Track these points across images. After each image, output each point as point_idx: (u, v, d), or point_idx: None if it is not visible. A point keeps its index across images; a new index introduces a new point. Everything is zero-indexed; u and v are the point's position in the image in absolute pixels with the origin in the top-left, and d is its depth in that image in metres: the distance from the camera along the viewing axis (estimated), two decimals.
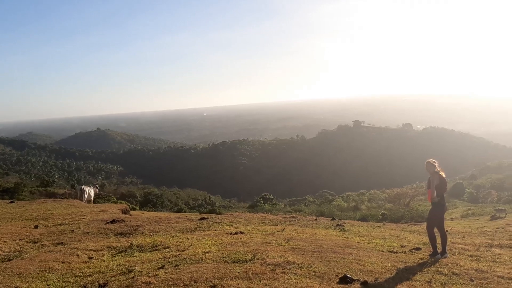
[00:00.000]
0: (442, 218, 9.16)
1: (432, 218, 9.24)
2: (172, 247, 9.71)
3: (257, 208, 47.01)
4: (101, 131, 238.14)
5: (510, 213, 36.17)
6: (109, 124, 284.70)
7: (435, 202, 8.97)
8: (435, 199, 8.93)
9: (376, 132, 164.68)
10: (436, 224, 9.18)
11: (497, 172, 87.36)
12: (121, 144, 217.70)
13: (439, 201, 8.93)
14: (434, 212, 9.14)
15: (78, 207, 18.74)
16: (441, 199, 8.95)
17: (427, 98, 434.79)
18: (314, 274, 6.94)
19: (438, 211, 9.08)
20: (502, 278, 7.10)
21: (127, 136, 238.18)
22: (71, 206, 19.35)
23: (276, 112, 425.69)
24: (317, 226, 15.04)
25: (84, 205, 20.72)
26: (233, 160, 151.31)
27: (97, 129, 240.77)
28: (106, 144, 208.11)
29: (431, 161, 9.28)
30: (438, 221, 9.12)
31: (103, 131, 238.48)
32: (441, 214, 9.13)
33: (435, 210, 9.08)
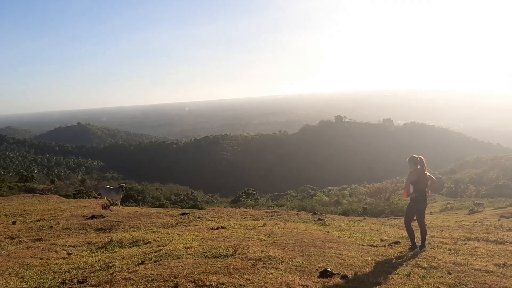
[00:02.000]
0: (423, 212, 9.26)
1: (409, 213, 9.33)
2: (152, 242, 9.64)
3: (239, 203, 47.06)
4: (82, 126, 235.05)
5: (487, 207, 36.93)
6: (89, 119, 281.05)
7: (413, 198, 9.08)
8: (412, 195, 9.03)
9: (358, 128, 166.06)
10: (413, 218, 9.32)
11: (476, 167, 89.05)
12: (102, 139, 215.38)
13: (416, 197, 9.01)
14: (412, 207, 9.21)
15: (57, 203, 18.48)
16: (418, 195, 9.01)
17: (408, 94, 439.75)
18: (295, 268, 6.97)
19: (417, 206, 9.16)
20: (479, 271, 7.22)
21: (108, 131, 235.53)
22: (50, 201, 19.08)
23: (259, 107, 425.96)
24: (299, 221, 15.12)
25: (63, 200, 20.43)
26: (215, 155, 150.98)
27: (77, 124, 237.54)
28: (87, 139, 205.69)
29: (414, 156, 9.35)
30: (419, 216, 9.24)
31: (83, 126, 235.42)
32: (421, 208, 9.24)
33: (413, 205, 9.16)
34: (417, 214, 9.26)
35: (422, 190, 8.99)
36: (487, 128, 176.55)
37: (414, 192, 8.96)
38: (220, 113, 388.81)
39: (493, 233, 12.09)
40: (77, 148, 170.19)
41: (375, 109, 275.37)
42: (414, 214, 9.32)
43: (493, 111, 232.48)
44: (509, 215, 27.14)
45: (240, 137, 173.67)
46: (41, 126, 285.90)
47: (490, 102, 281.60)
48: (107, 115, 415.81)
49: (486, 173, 79.22)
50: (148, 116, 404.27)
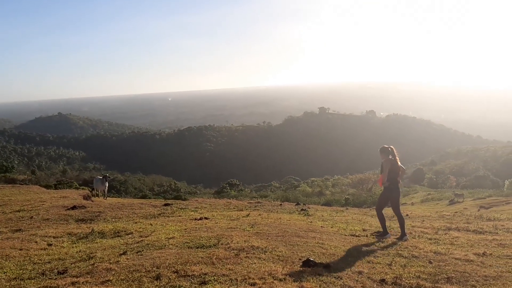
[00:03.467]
0: (397, 201, 9.44)
1: (382, 201, 9.60)
2: (134, 233, 9.57)
3: (223, 194, 47.12)
4: (63, 116, 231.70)
5: (468, 198, 37.55)
6: (71, 109, 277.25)
7: (386, 187, 9.28)
8: (386, 184, 9.24)
9: (341, 119, 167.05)
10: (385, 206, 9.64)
11: (456, 158, 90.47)
12: (84, 129, 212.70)
13: (389, 186, 9.22)
14: (384, 195, 9.45)
15: (38, 193, 18.25)
16: (391, 183, 9.19)
17: (390, 86, 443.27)
18: (278, 258, 6.98)
19: (389, 195, 9.36)
20: (459, 260, 7.33)
21: (89, 121, 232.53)
22: (30, 192, 18.83)
23: (243, 98, 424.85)
24: (282, 211, 15.18)
25: (44, 191, 20.16)
26: (199, 146, 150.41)
27: (58, 114, 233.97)
28: (68, 129, 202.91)
29: (385, 147, 9.60)
30: (394, 205, 9.45)
31: (64, 116, 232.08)
32: (395, 198, 9.41)
33: (386, 194, 9.39)
34: (392, 203, 9.49)
35: (394, 179, 9.20)
36: (468, 120, 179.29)
37: (388, 181, 9.17)
38: (203, 103, 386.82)
39: (473, 223, 12.29)
40: (58, 138, 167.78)
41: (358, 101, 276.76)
42: (386, 202, 9.59)
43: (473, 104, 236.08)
44: (489, 206, 27.64)
45: (224, 128, 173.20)
46: (21, 116, 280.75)
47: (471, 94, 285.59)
48: (88, 105, 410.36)
49: (466, 164, 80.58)
50: (130, 106, 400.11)
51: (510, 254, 7.89)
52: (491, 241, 9.19)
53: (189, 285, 5.63)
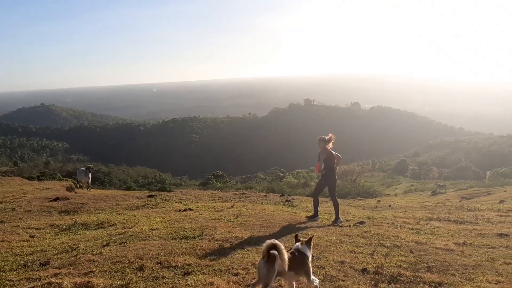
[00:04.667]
0: (333, 187, 10.17)
1: (319, 187, 10.44)
2: (118, 224, 9.52)
3: (208, 185, 47.08)
4: (46, 107, 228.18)
5: (450, 189, 38.15)
6: (54, 99, 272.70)
7: (323, 174, 10.04)
8: (322, 172, 9.99)
9: (326, 111, 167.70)
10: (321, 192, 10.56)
11: (439, 150, 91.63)
12: (67, 120, 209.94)
13: (326, 173, 9.98)
14: (322, 182, 10.27)
15: (20, 185, 18.00)
16: (328, 171, 9.97)
17: (374, 78, 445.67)
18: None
19: (326, 182, 10.18)
20: (440, 250, 7.45)
21: (73, 112, 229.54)
22: (12, 183, 18.56)
23: (228, 89, 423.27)
24: (267, 202, 15.22)
25: (26, 182, 19.90)
26: (184, 138, 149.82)
27: (41, 104, 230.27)
28: (51, 120, 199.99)
29: (323, 137, 10.43)
30: (330, 191, 10.20)
31: (47, 107, 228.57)
32: (331, 184, 10.16)
33: (323, 181, 10.20)
34: (328, 189, 10.27)
35: (331, 167, 10.01)
36: (451, 112, 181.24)
37: (324, 169, 9.90)
38: (188, 94, 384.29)
39: (454, 213, 12.48)
40: (41, 129, 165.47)
41: (342, 93, 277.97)
42: (323, 188, 10.47)
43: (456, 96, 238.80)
44: (470, 196, 28.11)
45: (209, 120, 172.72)
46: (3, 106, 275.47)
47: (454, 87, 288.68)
48: (72, 96, 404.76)
49: (449, 155, 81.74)
50: (114, 97, 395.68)
51: (489, 244, 8.05)
52: (471, 231, 9.36)
53: (172, 275, 5.64)
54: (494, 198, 24.21)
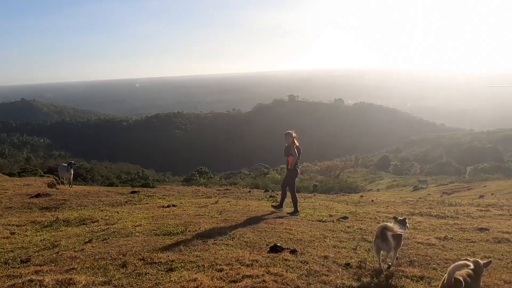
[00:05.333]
0: (293, 181, 10.61)
1: (287, 180, 10.73)
2: (100, 221, 9.45)
3: (192, 181, 46.89)
4: (26, 102, 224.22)
5: (431, 184, 38.67)
6: (35, 94, 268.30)
7: (292, 168, 10.46)
8: (292, 166, 10.42)
9: (310, 107, 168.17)
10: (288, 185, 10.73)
11: (421, 145, 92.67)
12: (48, 115, 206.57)
13: (293, 168, 10.45)
14: (290, 176, 10.62)
15: (0, 181, 17.70)
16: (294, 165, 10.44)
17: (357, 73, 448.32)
18: (246, 244, 7.02)
19: (293, 176, 10.59)
20: (421, 244, 7.55)
21: (54, 107, 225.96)
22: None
23: (212, 84, 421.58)
24: (251, 198, 15.25)
25: (6, 178, 19.60)
26: (167, 133, 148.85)
27: (22, 100, 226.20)
28: (32, 116, 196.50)
29: (290, 132, 10.84)
30: (291, 185, 10.59)
31: (28, 102, 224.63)
32: (294, 178, 10.63)
33: (291, 175, 10.59)
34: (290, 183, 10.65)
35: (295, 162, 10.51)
36: (432, 108, 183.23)
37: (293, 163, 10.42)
38: (172, 90, 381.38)
39: (435, 208, 12.66)
40: (22, 125, 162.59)
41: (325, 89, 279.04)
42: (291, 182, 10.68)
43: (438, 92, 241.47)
44: (451, 191, 28.54)
45: (193, 115, 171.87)
46: None
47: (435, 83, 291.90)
48: (53, 91, 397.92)
49: (430, 151, 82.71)
50: (96, 92, 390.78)
51: (469, 238, 8.18)
52: (452, 226, 9.50)
53: (155, 272, 5.61)
54: (474, 193, 24.64)
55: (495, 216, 11.24)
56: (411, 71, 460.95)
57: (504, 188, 26.78)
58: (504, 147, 76.70)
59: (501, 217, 11.07)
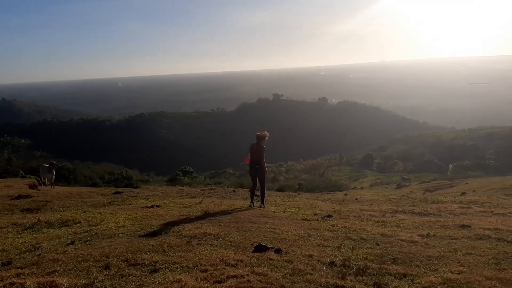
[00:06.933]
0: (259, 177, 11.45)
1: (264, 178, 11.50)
2: (83, 222, 9.33)
3: (176, 181, 46.65)
4: (6, 101, 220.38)
5: (414, 182, 39.15)
6: (16, 94, 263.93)
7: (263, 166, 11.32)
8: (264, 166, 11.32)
9: (294, 105, 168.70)
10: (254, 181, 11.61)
11: (404, 143, 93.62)
12: (30, 115, 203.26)
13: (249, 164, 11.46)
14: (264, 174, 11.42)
15: None
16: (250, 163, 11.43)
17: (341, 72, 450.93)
18: (230, 244, 7.01)
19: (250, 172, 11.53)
20: (405, 241, 7.62)
21: (36, 107, 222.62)
22: None
23: (196, 84, 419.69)
24: (236, 197, 15.26)
25: None
26: (151, 133, 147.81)
27: (2, 99, 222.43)
28: (13, 116, 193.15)
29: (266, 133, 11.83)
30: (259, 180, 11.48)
31: (8, 101, 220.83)
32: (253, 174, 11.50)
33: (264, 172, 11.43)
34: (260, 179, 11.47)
35: (253, 160, 11.33)
36: (415, 106, 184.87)
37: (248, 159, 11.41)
38: (156, 89, 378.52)
39: (418, 205, 12.81)
40: (2, 125, 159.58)
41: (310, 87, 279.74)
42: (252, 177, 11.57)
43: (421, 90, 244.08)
44: (434, 189, 28.93)
45: (178, 114, 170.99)
46: None
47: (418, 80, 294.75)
48: (35, 91, 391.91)
49: (413, 149, 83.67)
50: (79, 91, 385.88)
51: (452, 235, 8.29)
52: (434, 223, 9.62)
53: (139, 273, 5.56)
54: (456, 191, 25.01)
55: (477, 213, 11.43)
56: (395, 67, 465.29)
57: (485, 185, 27.23)
58: (485, 144, 78.00)
59: (483, 214, 11.27)
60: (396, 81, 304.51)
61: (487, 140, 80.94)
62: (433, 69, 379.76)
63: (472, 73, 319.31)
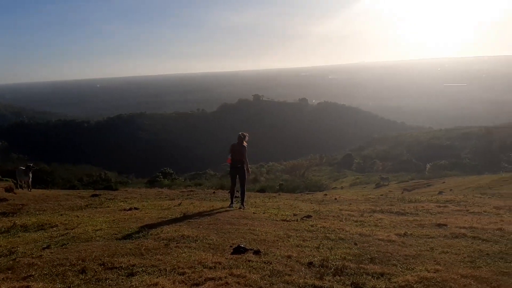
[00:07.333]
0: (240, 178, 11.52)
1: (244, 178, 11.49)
2: (59, 226, 9.19)
3: (156, 183, 46.26)
4: None
5: (392, 181, 39.62)
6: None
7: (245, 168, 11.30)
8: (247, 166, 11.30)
9: (275, 106, 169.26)
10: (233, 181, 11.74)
11: (382, 144, 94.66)
12: (6, 117, 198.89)
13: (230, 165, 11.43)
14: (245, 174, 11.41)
15: None
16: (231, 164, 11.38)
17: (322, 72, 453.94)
18: (209, 246, 6.98)
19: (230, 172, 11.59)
20: (382, 241, 7.69)
21: (12, 109, 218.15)
22: None
23: (176, 85, 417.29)
24: (215, 199, 15.21)
25: None
26: (131, 135, 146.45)
27: None
28: None
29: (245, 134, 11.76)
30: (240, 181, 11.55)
31: None
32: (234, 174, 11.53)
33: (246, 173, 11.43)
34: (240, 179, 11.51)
35: (235, 160, 11.33)
36: (394, 107, 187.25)
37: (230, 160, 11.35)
38: (135, 90, 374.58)
39: (396, 205, 12.96)
40: None
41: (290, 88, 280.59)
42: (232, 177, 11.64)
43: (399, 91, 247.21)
44: (412, 188, 29.33)
45: (157, 116, 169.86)
46: None
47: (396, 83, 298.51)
48: (11, 92, 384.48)
49: (391, 149, 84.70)
50: (57, 93, 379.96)
51: (428, 234, 8.40)
52: (411, 222, 9.74)
53: (116, 277, 5.49)
54: (433, 190, 25.40)
55: (453, 212, 11.62)
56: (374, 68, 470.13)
57: (461, 184, 27.73)
58: (461, 144, 79.43)
59: (459, 213, 11.46)
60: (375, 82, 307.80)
61: (463, 140, 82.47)
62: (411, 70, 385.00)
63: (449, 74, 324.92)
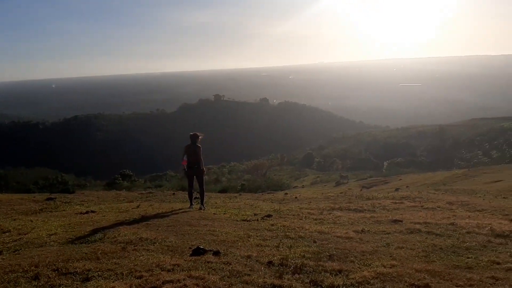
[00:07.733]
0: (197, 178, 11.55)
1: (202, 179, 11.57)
2: (12, 231, 8.84)
3: (115, 185, 45.31)
4: None
5: (352, 179, 40.41)
6: None
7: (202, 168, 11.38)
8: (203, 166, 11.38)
9: (236, 106, 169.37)
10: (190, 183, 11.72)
11: (342, 142, 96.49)
12: None
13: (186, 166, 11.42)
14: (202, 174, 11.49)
15: None
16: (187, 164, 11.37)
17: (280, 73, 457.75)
18: (168, 248, 6.88)
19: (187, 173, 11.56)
20: (340, 238, 7.82)
21: None
22: None
23: (135, 85, 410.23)
24: (175, 201, 15.06)
25: None
26: (88, 136, 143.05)
27: None
28: None
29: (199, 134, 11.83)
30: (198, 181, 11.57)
31: None
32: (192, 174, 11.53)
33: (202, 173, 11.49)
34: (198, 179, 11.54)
35: (191, 161, 11.33)
36: (352, 107, 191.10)
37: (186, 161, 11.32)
38: (93, 90, 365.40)
39: (354, 202, 13.23)
40: None
41: (252, 88, 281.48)
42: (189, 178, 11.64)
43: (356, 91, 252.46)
44: (370, 185, 30.05)
45: (115, 116, 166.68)
46: None
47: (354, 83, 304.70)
48: None
49: (351, 148, 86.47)
50: (9, 94, 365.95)
51: (385, 230, 8.62)
52: (369, 219, 9.97)
53: (70, 283, 5.32)
54: (391, 187, 26.11)
55: (408, 208, 11.97)
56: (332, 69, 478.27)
57: (417, 181, 28.67)
58: (416, 142, 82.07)
59: (414, 209, 11.82)
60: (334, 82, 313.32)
61: (419, 138, 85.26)
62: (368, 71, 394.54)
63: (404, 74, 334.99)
